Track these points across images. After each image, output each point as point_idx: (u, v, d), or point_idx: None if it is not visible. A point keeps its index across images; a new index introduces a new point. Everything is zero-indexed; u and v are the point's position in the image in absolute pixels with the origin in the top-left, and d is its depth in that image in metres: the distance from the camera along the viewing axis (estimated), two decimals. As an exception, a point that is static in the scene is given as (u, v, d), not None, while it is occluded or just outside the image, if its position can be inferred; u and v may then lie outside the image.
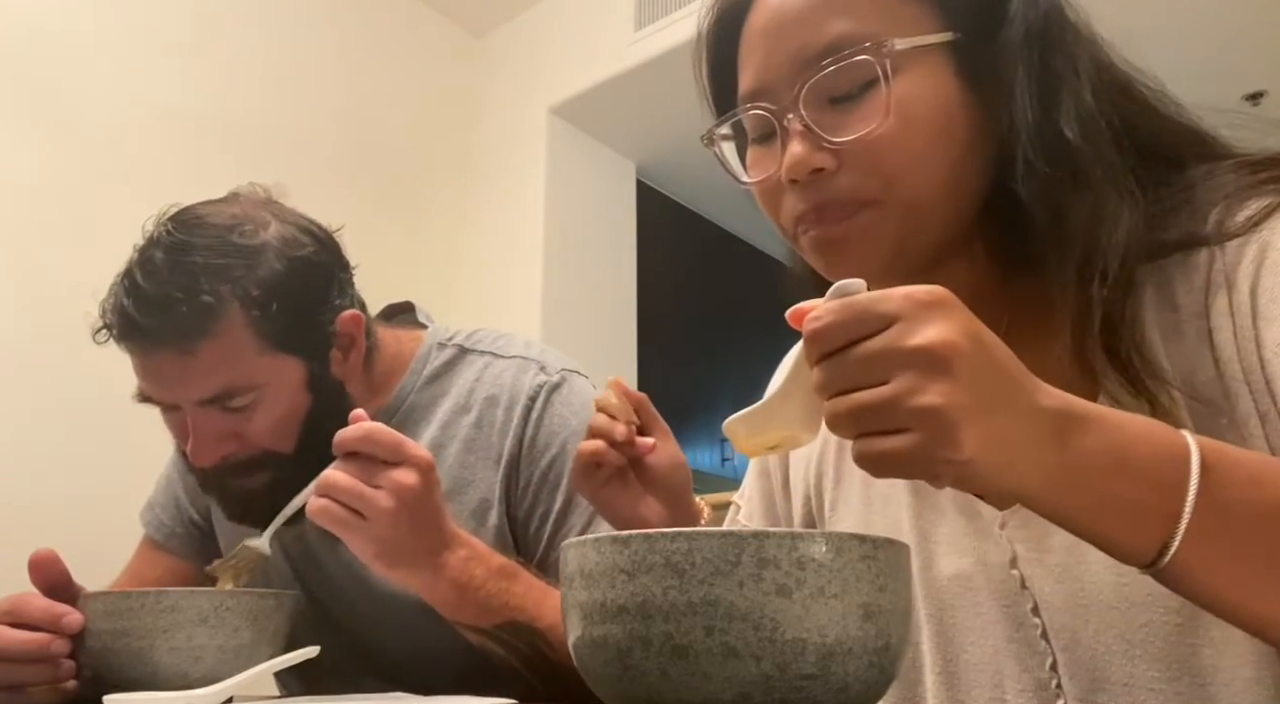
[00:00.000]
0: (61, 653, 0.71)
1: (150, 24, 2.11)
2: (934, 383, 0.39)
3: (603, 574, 0.40)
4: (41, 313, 1.81)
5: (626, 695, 0.41)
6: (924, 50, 0.56)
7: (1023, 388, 0.42)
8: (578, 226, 2.78)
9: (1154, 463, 0.43)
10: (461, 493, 0.92)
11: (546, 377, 0.96)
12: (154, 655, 0.68)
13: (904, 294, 0.41)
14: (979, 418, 0.39)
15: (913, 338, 0.40)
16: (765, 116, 0.60)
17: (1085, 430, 0.42)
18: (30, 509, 1.68)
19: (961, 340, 0.40)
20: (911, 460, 0.40)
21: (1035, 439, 0.41)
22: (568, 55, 2.77)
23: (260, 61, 2.34)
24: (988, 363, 0.41)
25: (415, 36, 2.80)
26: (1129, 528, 0.43)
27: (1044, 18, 0.58)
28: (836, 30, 0.57)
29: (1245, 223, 0.54)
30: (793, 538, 0.39)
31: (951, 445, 0.39)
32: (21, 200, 1.83)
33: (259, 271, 0.83)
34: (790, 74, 0.58)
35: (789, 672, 0.38)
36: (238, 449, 0.85)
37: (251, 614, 0.71)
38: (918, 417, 0.39)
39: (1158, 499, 0.42)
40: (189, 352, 0.80)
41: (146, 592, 0.70)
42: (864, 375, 0.41)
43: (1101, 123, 0.56)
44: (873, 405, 0.40)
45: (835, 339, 0.42)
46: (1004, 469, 0.41)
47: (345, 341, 0.90)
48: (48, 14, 1.93)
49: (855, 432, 0.42)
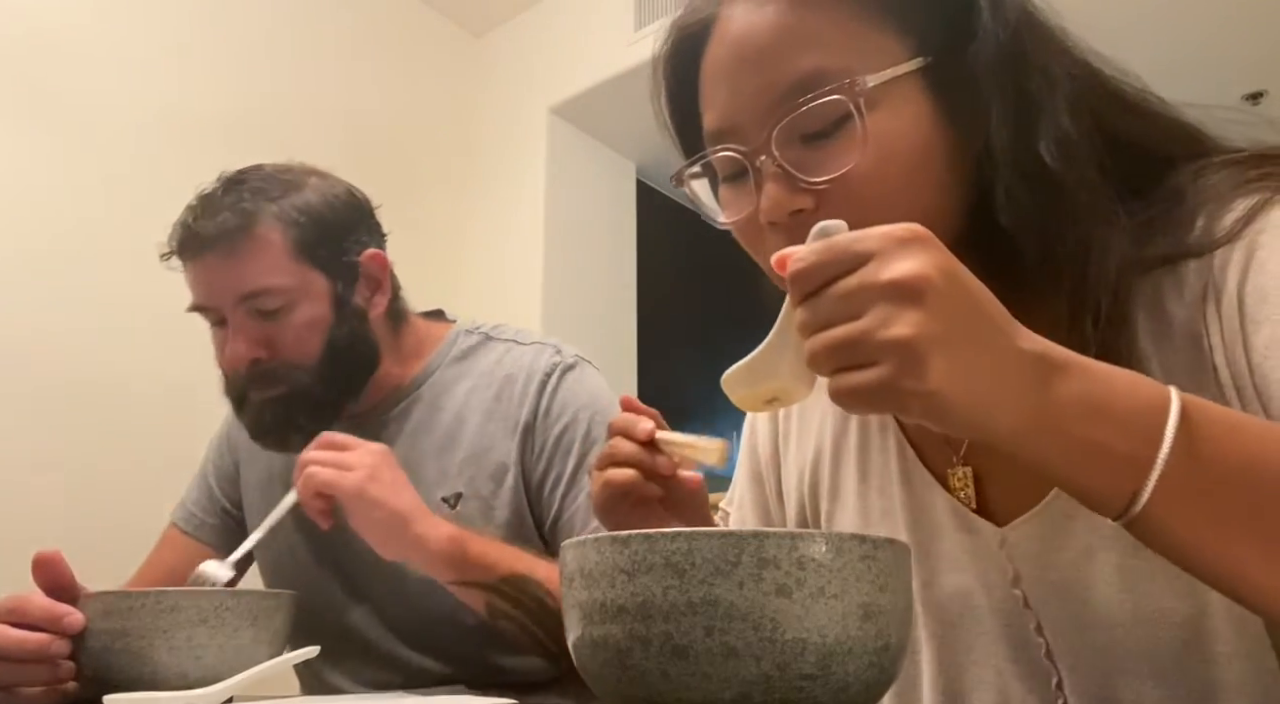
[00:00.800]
0: (61, 654, 0.71)
1: (150, 24, 2.11)
2: (904, 314, 0.39)
3: (603, 574, 0.40)
4: (42, 312, 1.81)
5: (626, 695, 0.41)
6: (896, 82, 0.54)
7: (1000, 328, 0.42)
8: (578, 226, 2.78)
9: (1133, 412, 0.42)
10: (481, 457, 1.02)
11: (561, 358, 1.07)
12: (154, 655, 0.68)
13: (882, 232, 0.41)
14: (948, 350, 0.39)
15: (886, 272, 0.40)
16: (736, 157, 0.58)
17: (1066, 377, 0.42)
18: (30, 509, 1.68)
19: (934, 274, 0.40)
20: (880, 392, 0.40)
21: (1011, 380, 0.41)
22: (568, 55, 2.77)
23: (260, 61, 2.34)
24: (962, 297, 0.41)
25: (415, 36, 2.80)
26: (1101, 474, 0.42)
27: (1014, 34, 0.55)
28: (805, 65, 0.55)
29: (1232, 226, 0.53)
30: (793, 538, 0.38)
31: (917, 376, 0.39)
32: (21, 200, 1.83)
33: (295, 197, 0.99)
34: (759, 112, 0.56)
35: (789, 672, 0.38)
36: (267, 355, 0.97)
37: (251, 614, 0.71)
38: (887, 348, 0.39)
39: (1132, 446, 0.41)
40: (232, 253, 0.95)
41: (146, 592, 0.70)
42: (841, 312, 0.41)
43: (1082, 142, 0.54)
44: (846, 340, 0.41)
45: (815, 279, 0.42)
46: (973, 406, 0.41)
47: (370, 278, 1.04)
48: (47, 13, 1.93)
49: (832, 367, 0.42)
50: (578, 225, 2.78)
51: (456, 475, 1.02)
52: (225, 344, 0.97)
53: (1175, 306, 0.54)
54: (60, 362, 1.81)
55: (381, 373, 1.06)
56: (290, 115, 2.36)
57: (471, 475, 1.01)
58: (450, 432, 1.04)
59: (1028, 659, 0.58)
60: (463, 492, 1.00)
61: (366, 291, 1.04)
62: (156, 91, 2.09)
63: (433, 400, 1.06)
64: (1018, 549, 0.58)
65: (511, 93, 2.88)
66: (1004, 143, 0.54)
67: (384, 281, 1.05)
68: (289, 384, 0.97)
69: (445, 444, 1.04)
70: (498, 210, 2.79)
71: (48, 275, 1.84)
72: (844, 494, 0.71)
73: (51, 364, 1.80)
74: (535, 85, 2.82)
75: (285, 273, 0.96)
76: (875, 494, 0.68)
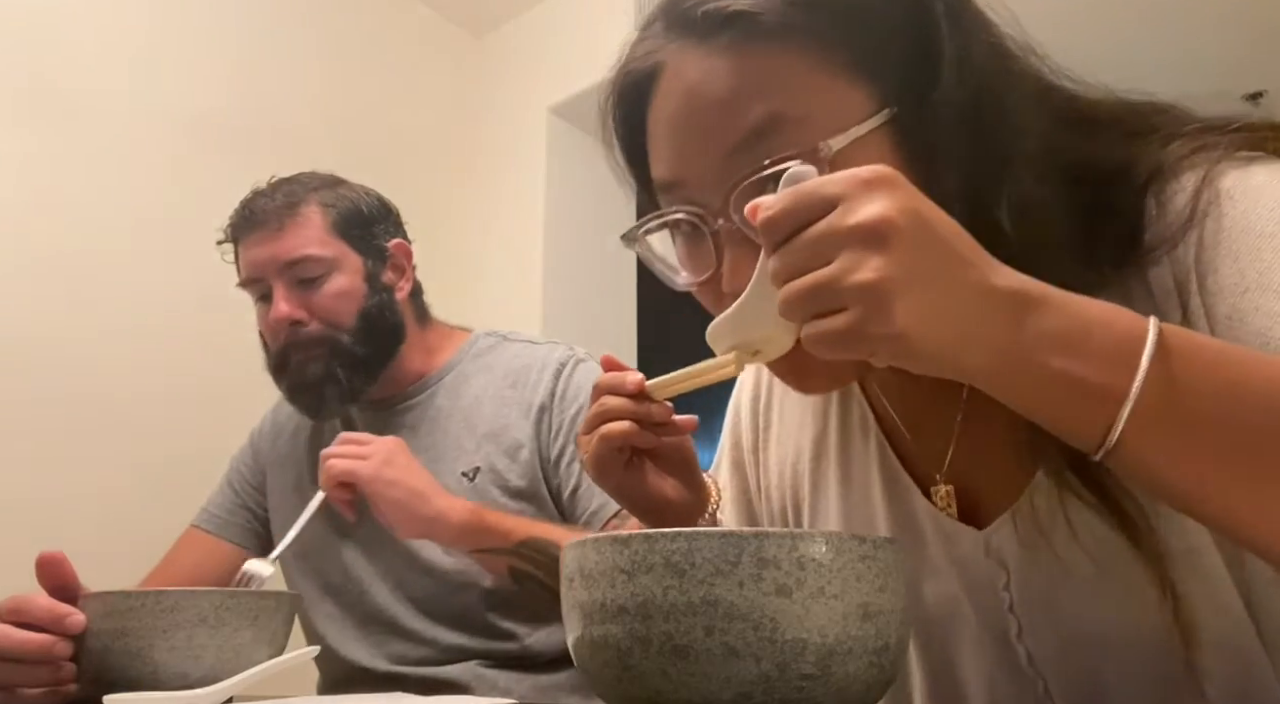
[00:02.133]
0: (64, 655, 0.71)
1: (151, 26, 2.11)
2: (870, 258, 0.39)
3: (603, 574, 0.40)
4: (43, 312, 1.81)
5: (626, 695, 0.41)
6: (860, 140, 0.51)
7: (972, 264, 0.41)
8: (578, 226, 2.78)
9: (1109, 342, 0.41)
10: (498, 436, 1.13)
11: (574, 353, 1.20)
12: (154, 655, 0.68)
13: (847, 175, 0.41)
14: (914, 291, 0.39)
15: (852, 216, 0.40)
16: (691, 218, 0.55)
17: (1042, 311, 0.41)
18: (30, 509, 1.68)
19: (898, 216, 0.39)
20: (848, 337, 0.40)
21: (984, 316, 0.41)
22: (568, 55, 2.77)
23: (259, 61, 2.34)
24: (928, 238, 0.40)
25: (415, 36, 2.79)
26: (1075, 407, 0.42)
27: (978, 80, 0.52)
28: (759, 112, 0.51)
29: (1181, 212, 0.51)
30: (793, 538, 0.39)
31: (884, 319, 0.39)
32: (22, 200, 1.83)
33: (335, 189, 1.18)
34: (712, 166, 0.53)
35: (789, 672, 0.38)
36: (306, 317, 1.11)
37: (251, 614, 0.71)
38: (854, 293, 0.39)
39: (1106, 377, 0.40)
40: (279, 228, 1.12)
41: (146, 592, 0.70)
42: (811, 259, 0.41)
43: (1044, 201, 0.51)
44: (815, 286, 0.40)
45: (785, 227, 0.42)
46: (943, 345, 0.40)
47: (396, 264, 1.21)
48: (48, 13, 1.93)
49: (804, 315, 0.42)
50: (578, 225, 2.78)
51: (475, 452, 1.13)
52: (269, 312, 1.12)
53: (1140, 297, 0.53)
54: (62, 362, 1.81)
55: (408, 365, 1.20)
56: (290, 115, 2.35)
57: (489, 452, 1.12)
58: (469, 415, 1.16)
59: (1013, 665, 0.58)
60: (480, 466, 1.12)
61: (393, 274, 1.20)
62: (156, 91, 2.09)
63: (454, 389, 1.20)
64: (999, 556, 0.58)
65: (511, 93, 2.88)
66: (961, 203, 0.50)
67: (408, 269, 1.23)
68: (327, 345, 1.11)
69: (465, 425, 1.16)
70: (498, 210, 2.79)
71: (48, 275, 1.84)
72: (826, 497, 0.70)
73: (53, 364, 1.80)
74: (535, 85, 2.82)
75: (324, 245, 1.12)
76: (858, 498, 0.67)
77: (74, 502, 1.75)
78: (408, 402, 1.20)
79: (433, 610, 1.10)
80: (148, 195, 2.02)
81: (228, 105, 2.22)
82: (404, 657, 1.09)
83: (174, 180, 2.07)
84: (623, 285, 2.91)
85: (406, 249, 1.23)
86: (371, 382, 1.15)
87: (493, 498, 1.09)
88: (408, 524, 0.96)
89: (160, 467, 1.86)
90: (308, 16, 2.48)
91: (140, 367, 1.92)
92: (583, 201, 2.82)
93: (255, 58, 2.33)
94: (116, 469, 1.84)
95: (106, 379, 1.87)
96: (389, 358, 1.17)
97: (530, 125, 2.78)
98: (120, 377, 1.89)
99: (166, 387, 1.95)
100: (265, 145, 2.19)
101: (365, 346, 1.13)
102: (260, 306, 1.16)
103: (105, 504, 1.78)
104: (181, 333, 2.00)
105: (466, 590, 1.07)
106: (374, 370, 1.15)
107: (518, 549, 0.95)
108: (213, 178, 1.97)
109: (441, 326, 1.29)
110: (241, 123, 2.23)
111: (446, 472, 1.12)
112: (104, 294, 1.90)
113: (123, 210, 1.98)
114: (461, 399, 1.18)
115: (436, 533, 0.97)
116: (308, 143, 2.28)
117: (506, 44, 2.97)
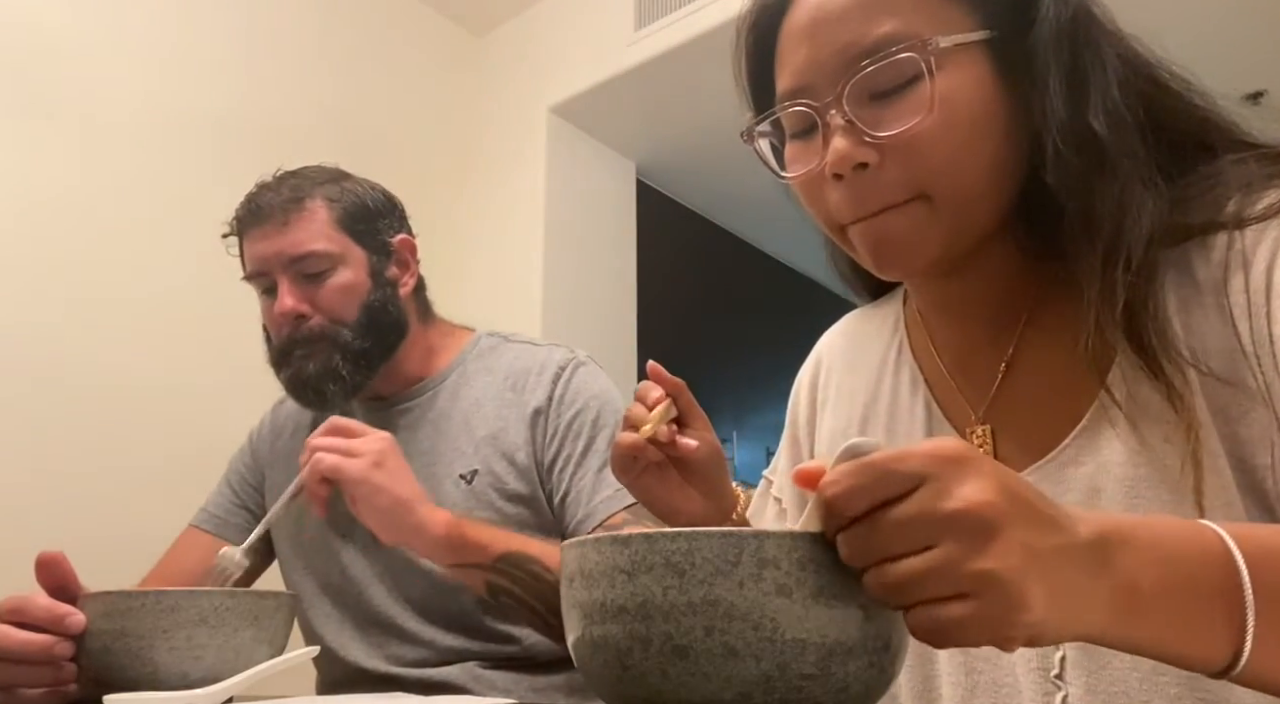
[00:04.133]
0: (65, 655, 0.71)
1: (149, 24, 2.11)
2: (985, 545, 0.37)
3: (603, 574, 0.40)
4: (43, 312, 1.81)
5: (626, 695, 0.41)
6: (964, 48, 0.58)
7: (1062, 528, 0.40)
8: (578, 226, 2.78)
9: (1199, 569, 0.42)
10: (496, 438, 1.13)
11: (575, 356, 1.19)
12: (154, 655, 0.68)
13: (926, 452, 0.38)
14: (1038, 574, 0.38)
15: (949, 500, 0.37)
16: (807, 112, 0.61)
17: (1126, 551, 0.41)
18: (30, 509, 1.68)
19: (999, 499, 0.37)
20: (980, 627, 0.38)
21: (1088, 575, 0.40)
22: (568, 55, 2.77)
23: (259, 61, 2.34)
24: (1030, 514, 0.39)
25: (415, 36, 2.79)
26: (1197, 645, 0.43)
27: (1073, 17, 0.59)
28: (881, 30, 0.58)
29: (1265, 210, 0.55)
30: (793, 538, 0.39)
31: (1022, 607, 0.37)
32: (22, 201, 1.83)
33: (340, 184, 1.17)
34: (833, 72, 0.59)
35: (789, 672, 0.38)
36: (310, 311, 1.11)
37: (251, 614, 0.71)
38: (976, 581, 0.37)
39: (1215, 610, 0.42)
40: (285, 222, 1.11)
41: (146, 592, 0.70)
42: (902, 542, 0.38)
43: (1128, 116, 0.58)
44: (924, 573, 0.37)
45: (859, 504, 0.38)
46: (1074, 621, 0.40)
47: (401, 259, 1.20)
48: (45, 13, 1.93)
49: (908, 601, 0.39)
50: (578, 225, 2.78)
51: (473, 454, 1.12)
52: (274, 306, 1.12)
53: (1202, 272, 0.57)
54: (61, 362, 1.81)
55: (409, 363, 1.20)
56: (290, 115, 2.35)
57: (486, 455, 1.12)
58: (469, 417, 1.16)
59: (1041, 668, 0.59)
60: (478, 469, 1.11)
61: (398, 269, 1.20)
62: (156, 91, 2.09)
63: (454, 390, 1.19)
64: None
65: (511, 93, 2.88)
66: (1058, 110, 0.57)
67: (412, 264, 1.22)
68: (329, 340, 1.11)
69: (464, 428, 1.15)
70: (498, 210, 2.79)
71: (48, 275, 1.84)
72: None
73: (53, 364, 1.80)
74: (535, 85, 2.82)
75: (329, 240, 1.12)
76: None
77: (74, 501, 1.75)
78: (408, 402, 1.20)
79: (430, 612, 1.10)
80: (147, 195, 2.02)
81: (228, 104, 2.22)
82: (402, 658, 1.09)
83: (174, 180, 2.07)
84: (623, 285, 2.91)
85: (411, 244, 1.22)
86: (372, 375, 1.15)
87: (490, 501, 1.09)
88: (387, 531, 0.94)
89: (160, 466, 1.86)
90: (308, 16, 2.48)
91: (140, 366, 1.92)
92: (583, 201, 2.82)
93: (255, 57, 2.33)
94: (116, 469, 1.84)
95: (106, 379, 1.87)
96: (391, 352, 1.17)
97: (530, 125, 2.78)
98: (120, 376, 1.89)
99: (166, 387, 1.95)
100: (265, 144, 2.19)
101: (367, 341, 1.13)
102: (264, 300, 1.16)
103: (105, 504, 1.78)
104: (181, 333, 2.00)
105: (464, 592, 1.06)
106: (375, 364, 1.15)
107: (495, 565, 0.94)
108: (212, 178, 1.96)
109: (444, 325, 1.29)
110: (241, 122, 2.23)
111: (444, 474, 1.11)
112: (104, 294, 1.90)
113: (122, 210, 1.98)
114: (462, 401, 1.18)
115: (415, 544, 0.95)
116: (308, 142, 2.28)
117: (506, 44, 2.97)
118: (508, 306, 2.62)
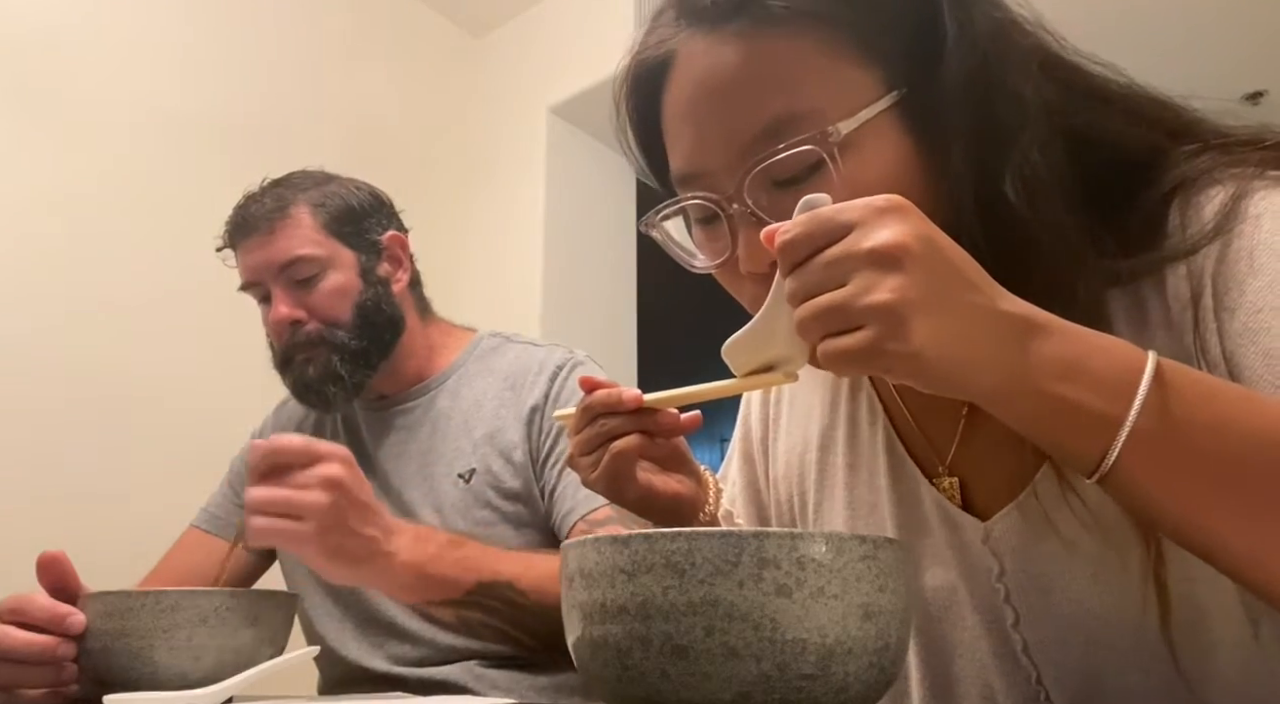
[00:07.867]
0: (67, 656, 0.71)
1: (149, 24, 2.11)
2: (886, 279, 0.41)
3: (603, 574, 0.40)
4: (42, 311, 1.81)
5: (626, 695, 0.41)
6: (870, 121, 0.52)
7: (980, 290, 0.43)
8: (578, 226, 2.78)
9: (1108, 371, 0.43)
10: (494, 438, 1.13)
11: (573, 356, 1.20)
12: (154, 655, 0.68)
13: (863, 202, 0.43)
14: (928, 312, 0.41)
15: (868, 240, 0.42)
16: (708, 204, 0.57)
17: (1045, 337, 0.43)
18: (30, 509, 1.68)
19: (913, 241, 0.42)
20: (865, 354, 0.42)
21: (990, 340, 0.43)
22: (568, 55, 2.77)
23: (259, 62, 2.33)
24: (941, 262, 0.42)
25: (415, 36, 2.79)
26: (1074, 432, 0.44)
27: (982, 57, 0.53)
28: (772, 109, 0.53)
29: (1208, 223, 0.52)
30: (793, 538, 0.39)
31: (900, 337, 0.41)
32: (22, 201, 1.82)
33: (324, 188, 1.19)
34: (728, 157, 0.55)
35: (789, 672, 0.38)
36: (305, 317, 1.13)
37: (251, 614, 0.71)
38: (870, 313, 0.41)
39: (1105, 405, 0.43)
40: (271, 231, 1.13)
41: (146, 592, 0.70)
42: (826, 280, 0.43)
43: (1050, 178, 0.52)
44: (831, 306, 0.43)
45: (802, 249, 0.44)
46: (954, 365, 0.42)
47: (392, 256, 1.22)
48: (45, 13, 1.93)
49: (820, 333, 0.44)
50: (578, 225, 2.78)
51: (471, 454, 1.13)
52: (271, 314, 1.14)
53: (1155, 306, 0.54)
54: (61, 362, 1.81)
55: (410, 362, 1.21)
56: (290, 115, 2.35)
57: (484, 454, 1.13)
58: (468, 417, 1.17)
59: (1008, 653, 0.59)
60: (476, 468, 1.12)
61: (389, 267, 1.21)
62: (155, 92, 2.09)
63: (455, 390, 1.20)
64: (1001, 544, 0.58)
65: (511, 93, 2.88)
66: (969, 179, 0.52)
67: (404, 260, 1.23)
68: (328, 341, 1.13)
69: (463, 427, 1.16)
70: (498, 210, 2.79)
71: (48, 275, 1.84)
72: (832, 486, 0.71)
73: (52, 364, 1.80)
74: (535, 85, 2.82)
75: (316, 245, 1.14)
76: (864, 487, 0.68)
77: (74, 501, 1.75)
78: (409, 402, 1.21)
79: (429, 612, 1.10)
80: (148, 195, 2.02)
81: (228, 105, 2.22)
82: (403, 657, 1.09)
83: (174, 179, 2.07)
84: (622, 285, 2.91)
85: (401, 240, 1.23)
86: (373, 373, 1.16)
87: (488, 500, 1.09)
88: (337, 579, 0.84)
89: (160, 466, 1.86)
90: (308, 16, 2.48)
91: (140, 367, 1.92)
92: (582, 201, 2.82)
93: (255, 57, 2.33)
94: (117, 469, 1.84)
95: (106, 379, 1.87)
96: (389, 349, 1.18)
97: (530, 125, 2.78)
98: (120, 376, 1.89)
99: (166, 387, 1.95)
100: (265, 145, 2.19)
101: (363, 340, 1.15)
102: (263, 308, 1.18)
103: (105, 504, 1.78)
104: (182, 333, 2.00)
105: None
106: (375, 362, 1.16)
107: (466, 599, 0.90)
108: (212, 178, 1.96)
109: (445, 324, 1.30)
110: (241, 122, 2.23)
111: (443, 474, 1.12)
112: (104, 294, 1.90)
113: (123, 210, 1.98)
114: (462, 401, 1.19)
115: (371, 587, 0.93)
116: (308, 142, 2.28)
117: (506, 44, 2.97)
118: (507, 306, 2.62)
